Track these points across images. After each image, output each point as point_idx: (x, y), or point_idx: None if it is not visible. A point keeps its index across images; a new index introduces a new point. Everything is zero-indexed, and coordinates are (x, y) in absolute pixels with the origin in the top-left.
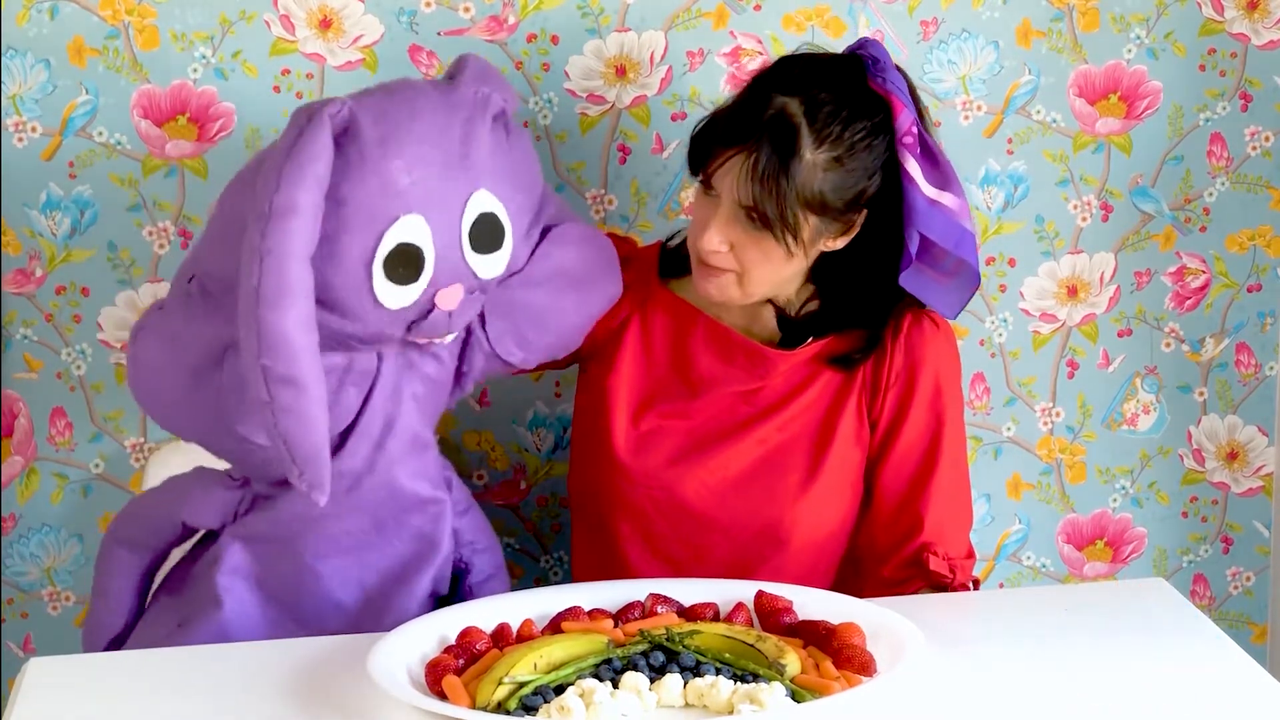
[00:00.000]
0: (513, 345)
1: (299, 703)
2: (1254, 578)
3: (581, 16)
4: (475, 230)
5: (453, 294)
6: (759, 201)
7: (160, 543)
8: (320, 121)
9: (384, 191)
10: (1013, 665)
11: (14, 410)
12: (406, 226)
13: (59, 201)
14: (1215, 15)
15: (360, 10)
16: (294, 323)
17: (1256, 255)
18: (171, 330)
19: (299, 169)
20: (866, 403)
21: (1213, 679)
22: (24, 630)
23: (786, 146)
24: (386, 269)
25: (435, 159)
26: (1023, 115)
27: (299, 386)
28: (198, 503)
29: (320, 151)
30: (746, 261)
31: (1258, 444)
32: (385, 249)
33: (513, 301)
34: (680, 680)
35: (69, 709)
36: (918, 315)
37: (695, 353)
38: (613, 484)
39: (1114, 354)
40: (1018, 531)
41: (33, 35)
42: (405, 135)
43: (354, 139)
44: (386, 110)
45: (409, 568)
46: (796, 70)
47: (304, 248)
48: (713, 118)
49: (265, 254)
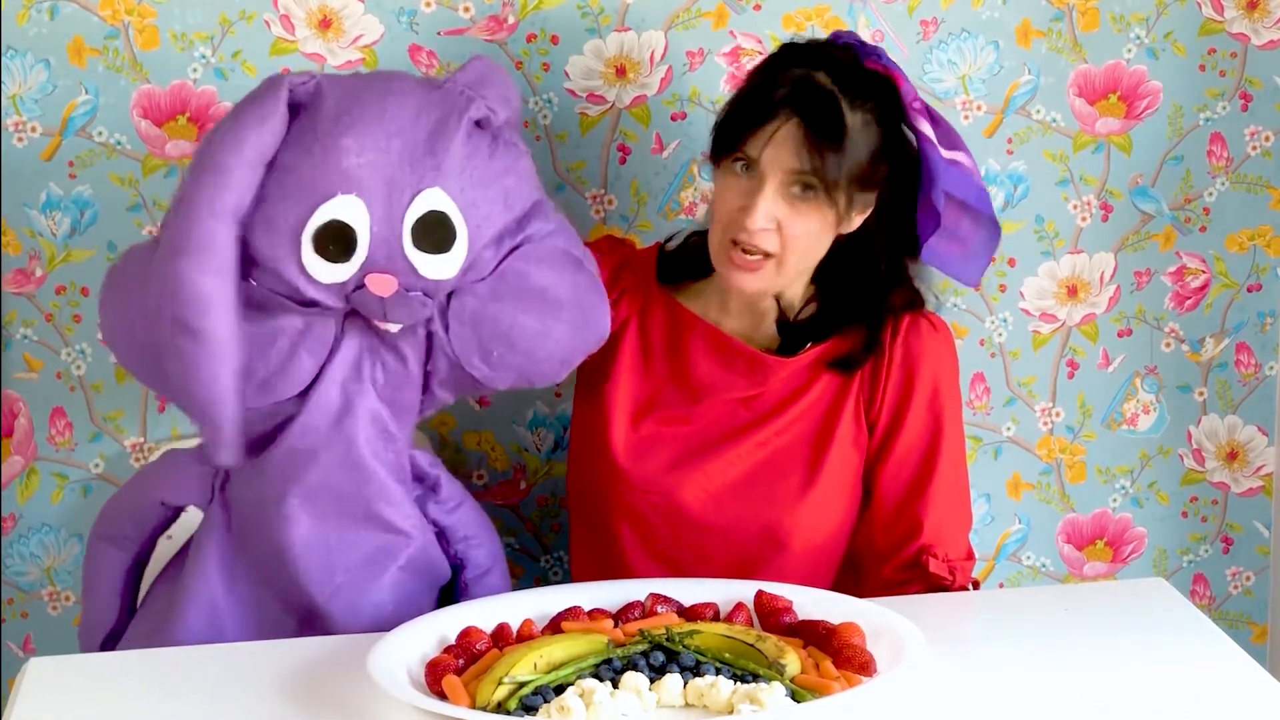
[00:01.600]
0: (475, 357)
1: (299, 703)
2: (1254, 578)
3: (581, 16)
4: (419, 226)
5: (385, 282)
6: (818, 165)
7: (142, 531)
8: (277, 89)
9: (326, 166)
10: (1013, 665)
11: (14, 410)
12: (342, 205)
13: (59, 201)
14: (1215, 15)
15: (360, 10)
16: (203, 274)
17: (1256, 255)
18: (133, 270)
19: (237, 130)
20: (865, 405)
21: (1213, 679)
22: (24, 630)
23: (832, 109)
24: (315, 243)
25: (393, 147)
26: (1023, 115)
27: (199, 337)
28: (172, 480)
29: (266, 117)
30: (790, 238)
31: (1258, 444)
32: (316, 222)
33: (477, 311)
34: (680, 680)
35: (69, 709)
36: (915, 317)
37: (694, 359)
38: (612, 488)
39: (1114, 354)
40: (1018, 531)
41: (33, 35)
42: (365, 118)
43: (311, 111)
44: (356, 91)
45: (377, 553)
46: (804, 51)
47: (224, 205)
48: (736, 103)
49: (184, 204)
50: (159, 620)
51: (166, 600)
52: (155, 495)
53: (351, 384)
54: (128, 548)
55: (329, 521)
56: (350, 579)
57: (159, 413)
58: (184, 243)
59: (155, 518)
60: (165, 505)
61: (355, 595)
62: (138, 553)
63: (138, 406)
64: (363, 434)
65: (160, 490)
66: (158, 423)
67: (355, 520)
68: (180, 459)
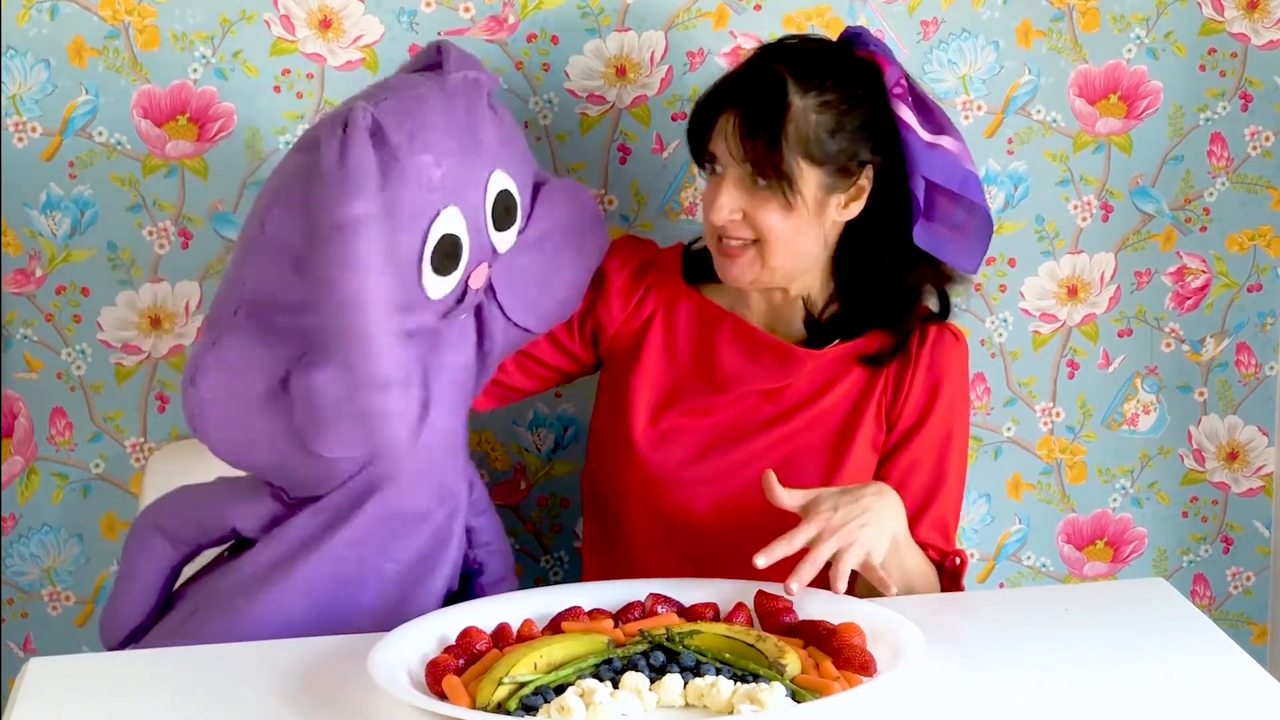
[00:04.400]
0: (524, 311)
1: (299, 703)
2: (1254, 578)
3: (581, 16)
4: (496, 209)
5: (480, 273)
6: (753, 150)
7: (204, 540)
8: (359, 129)
9: (421, 188)
10: (1013, 666)
11: (14, 410)
12: (447, 219)
13: (59, 201)
14: (1215, 15)
15: (360, 10)
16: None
17: (1256, 255)
18: (230, 363)
19: (357, 180)
20: (887, 405)
21: (1213, 679)
22: (24, 630)
23: (773, 94)
24: (434, 262)
25: (453, 148)
26: (1023, 115)
27: (394, 390)
28: (251, 509)
29: (368, 158)
30: (761, 226)
31: (1258, 444)
32: (431, 243)
33: (514, 266)
34: (680, 680)
35: (69, 709)
36: (940, 328)
37: (720, 351)
38: (630, 481)
39: (1114, 354)
40: (1018, 531)
41: (33, 35)
42: (426, 129)
43: (384, 142)
44: (403, 108)
45: (426, 562)
46: (780, 45)
47: (377, 257)
48: (695, 106)
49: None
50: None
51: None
52: (231, 519)
53: (423, 394)
54: (181, 549)
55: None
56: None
57: (159, 413)
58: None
59: (219, 534)
60: (235, 531)
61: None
62: (187, 555)
63: (138, 406)
64: (435, 443)
65: (237, 517)
66: (158, 423)
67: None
68: (265, 494)
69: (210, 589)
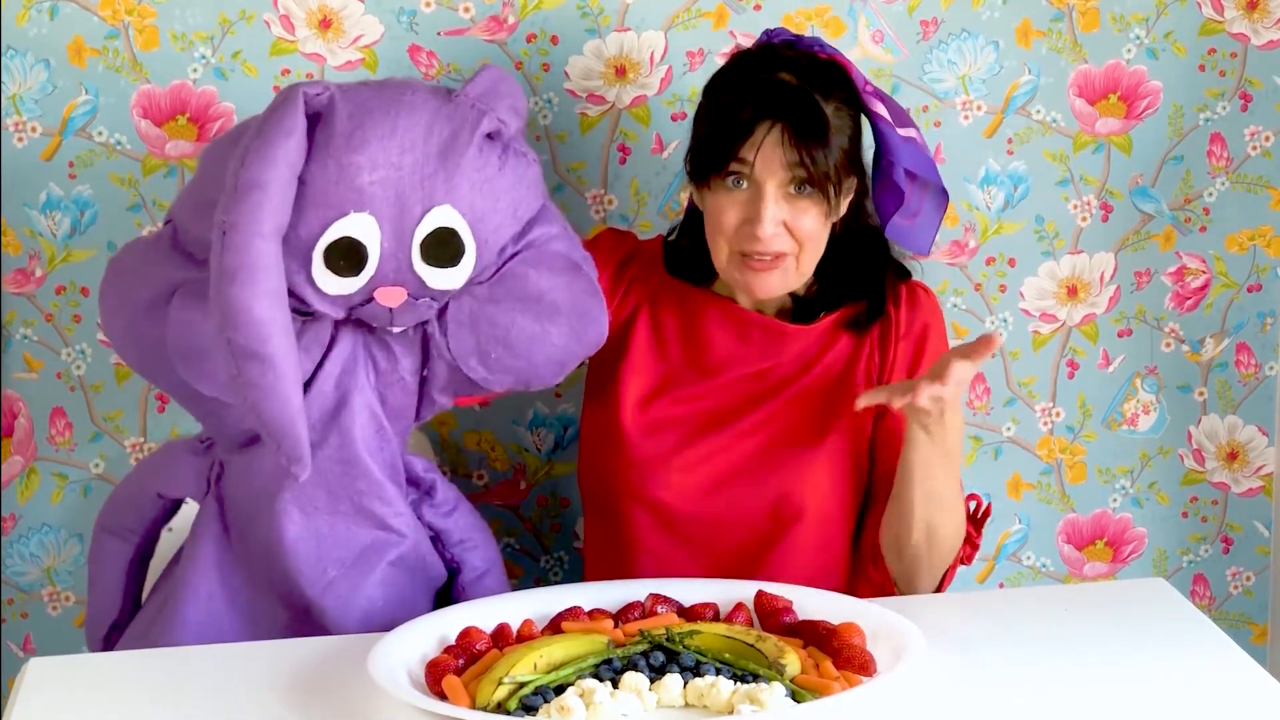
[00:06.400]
0: (473, 359)
1: (299, 703)
2: (1254, 578)
3: (581, 16)
4: (429, 242)
5: (394, 294)
6: (810, 162)
7: (142, 522)
8: (294, 101)
9: (340, 183)
10: (1013, 665)
11: (14, 410)
12: (354, 222)
13: (59, 201)
14: (1215, 15)
15: (360, 10)
16: (259, 298)
17: (1256, 255)
18: (133, 263)
19: (268, 146)
20: (876, 367)
21: (1213, 679)
22: (24, 630)
23: (810, 105)
24: (326, 258)
25: (405, 164)
26: (1023, 115)
27: (266, 361)
28: (168, 471)
29: (292, 131)
30: (801, 235)
31: (1258, 444)
32: (328, 239)
33: (475, 312)
34: (680, 680)
35: (69, 709)
36: (910, 286)
37: (710, 335)
38: (624, 471)
39: (1114, 354)
40: (1018, 531)
41: (33, 35)
42: (379, 134)
43: (326, 125)
44: (369, 105)
45: (368, 550)
46: (758, 57)
47: (270, 225)
48: (712, 121)
49: (230, 229)
50: (155, 613)
51: (165, 595)
52: (152, 487)
53: (347, 380)
54: (129, 539)
55: (320, 516)
56: (342, 574)
57: (159, 413)
58: (238, 269)
59: (154, 509)
60: (162, 497)
61: (347, 590)
62: (140, 544)
63: (138, 406)
64: (358, 430)
65: (157, 482)
66: (158, 423)
67: (347, 515)
68: (177, 451)
69: (178, 577)
